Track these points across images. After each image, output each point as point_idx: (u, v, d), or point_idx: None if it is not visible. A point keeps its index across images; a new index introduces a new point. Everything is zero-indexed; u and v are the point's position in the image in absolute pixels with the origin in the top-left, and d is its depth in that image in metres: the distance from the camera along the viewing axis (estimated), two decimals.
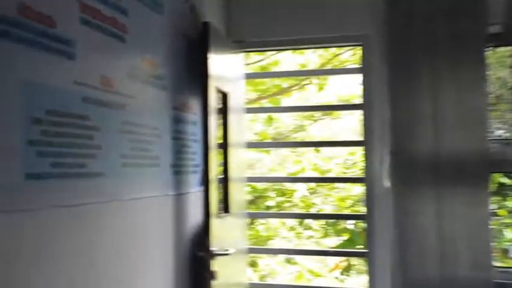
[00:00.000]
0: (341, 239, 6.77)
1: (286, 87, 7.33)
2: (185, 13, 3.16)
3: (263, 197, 7.06)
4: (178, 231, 2.97)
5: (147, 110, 2.67)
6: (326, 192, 7.22)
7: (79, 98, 2.09)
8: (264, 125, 7.19)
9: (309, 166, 7.09)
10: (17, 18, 1.75)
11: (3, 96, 1.69)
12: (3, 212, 1.67)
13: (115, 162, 2.34)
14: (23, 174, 1.76)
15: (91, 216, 2.16)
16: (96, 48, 2.22)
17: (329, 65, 7.10)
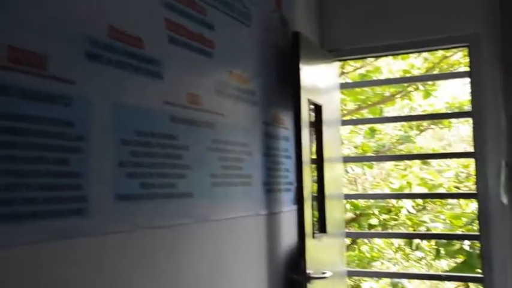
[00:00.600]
0: (456, 261, 6.54)
1: (389, 96, 7.23)
2: (274, 24, 3.23)
3: (365, 214, 6.96)
4: (271, 252, 3.00)
5: (237, 126, 2.74)
6: (436, 209, 7.04)
7: (167, 117, 2.19)
8: (365, 137, 7.13)
9: (415, 181, 6.93)
10: (106, 41, 1.89)
11: (96, 118, 1.82)
12: (97, 235, 1.80)
13: (204, 182, 2.42)
14: (114, 195, 1.88)
15: (180, 238, 2.24)
16: (183, 66, 2.33)
17: (436, 69, 6.95)
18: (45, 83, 1.64)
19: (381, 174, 7.48)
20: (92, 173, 1.79)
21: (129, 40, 2.01)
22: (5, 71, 1.52)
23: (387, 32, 3.84)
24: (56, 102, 1.68)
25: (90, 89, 1.81)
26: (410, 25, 3.79)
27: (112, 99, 1.90)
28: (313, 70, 3.35)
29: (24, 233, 1.55)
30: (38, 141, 1.61)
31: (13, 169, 1.53)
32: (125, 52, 1.98)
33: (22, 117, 1.56)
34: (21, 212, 1.54)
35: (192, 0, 2.42)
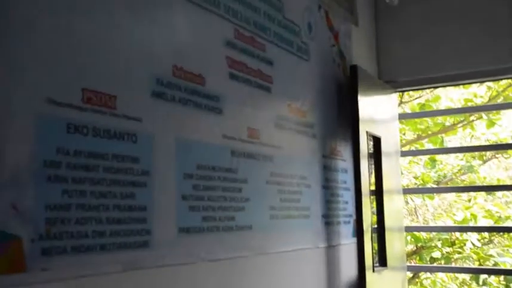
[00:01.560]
0: None
1: (450, 125, 7.13)
2: (332, 57, 3.27)
3: (427, 247, 6.84)
4: (330, 286, 2.99)
5: (296, 159, 2.77)
6: (504, 243, 6.87)
7: (227, 151, 2.26)
8: (425, 167, 7.04)
9: (480, 212, 6.78)
10: (171, 79, 1.98)
11: (159, 154, 1.90)
12: (159, 267, 1.86)
13: (263, 214, 2.45)
14: (177, 228, 1.95)
15: (239, 270, 2.28)
16: (243, 101, 2.39)
17: (500, 98, 6.84)
18: (114, 121, 1.73)
19: (442, 204, 7.35)
20: (155, 207, 1.86)
21: (192, 78, 2.08)
22: (79, 111, 1.61)
23: (447, 61, 3.82)
24: (124, 139, 1.76)
25: (155, 125, 1.89)
26: (472, 54, 3.76)
27: (175, 135, 1.98)
28: (371, 102, 3.37)
29: (94, 265, 1.62)
30: (107, 176, 1.69)
31: (84, 203, 1.60)
32: (187, 89, 2.05)
33: (93, 154, 1.65)
34: (91, 245, 1.61)
35: (252, 38, 2.49)
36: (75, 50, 1.62)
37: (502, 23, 3.69)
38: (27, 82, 1.48)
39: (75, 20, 1.64)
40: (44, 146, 1.51)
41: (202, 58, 2.17)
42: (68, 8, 1.62)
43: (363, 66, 3.38)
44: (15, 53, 1.45)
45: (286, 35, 2.78)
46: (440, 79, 3.98)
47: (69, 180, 1.57)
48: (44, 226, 1.49)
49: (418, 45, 3.90)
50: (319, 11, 3.15)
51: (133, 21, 1.85)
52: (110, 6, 1.76)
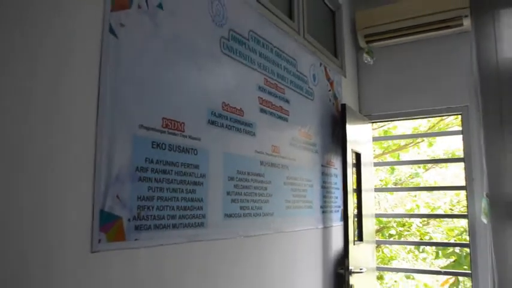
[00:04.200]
0: (449, 260, 6.29)
1: (404, 145, 7.08)
2: (329, 98, 3.22)
3: (387, 227, 6.78)
4: (325, 254, 2.95)
5: (304, 167, 2.72)
6: (436, 224, 6.78)
7: (258, 162, 2.22)
8: (387, 173, 6.97)
9: (422, 204, 6.72)
10: (221, 112, 1.95)
11: (212, 163, 1.87)
12: (211, 240, 1.83)
13: (281, 205, 2.41)
14: (223, 214, 1.92)
15: (265, 243, 2.25)
16: (269, 127, 2.35)
17: (436, 127, 6.77)
18: (183, 140, 1.71)
19: (398, 199, 7.24)
20: (209, 199, 1.83)
21: (235, 111, 2.06)
22: (160, 133, 1.59)
23: (404, 103, 3.77)
24: (189, 152, 1.73)
25: (209, 143, 1.86)
26: (420, 99, 3.70)
27: (223, 150, 1.95)
28: (355, 129, 3.32)
29: (168, 238, 1.60)
30: (177, 178, 1.66)
31: (162, 196, 1.58)
32: (231, 119, 2.02)
33: (168, 162, 1.63)
34: (166, 224, 1.59)
35: (276, 84, 2.46)
36: (158, 91, 1.61)
37: (439, 80, 3.63)
38: (127, 114, 1.47)
39: (158, 70, 1.62)
40: (137, 156, 1.49)
41: (242, 97, 2.14)
42: (154, 63, 1.60)
43: (350, 104, 3.33)
44: (120, 94, 1.45)
45: (299, 83, 2.74)
46: (399, 115, 3.91)
47: (153, 180, 1.55)
48: (136, 211, 1.48)
49: (386, 91, 3.84)
50: (320, 66, 3.11)
51: (196, 71, 1.83)
52: (180, 62, 1.75)
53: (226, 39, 2.04)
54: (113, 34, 1.44)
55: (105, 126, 1.38)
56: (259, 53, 2.31)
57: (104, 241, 1.35)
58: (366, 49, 3.76)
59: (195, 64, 1.82)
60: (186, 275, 1.69)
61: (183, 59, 1.75)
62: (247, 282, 2.08)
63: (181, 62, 1.74)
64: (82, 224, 1.30)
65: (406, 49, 3.76)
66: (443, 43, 3.62)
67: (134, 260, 1.46)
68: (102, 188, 1.36)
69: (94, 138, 1.35)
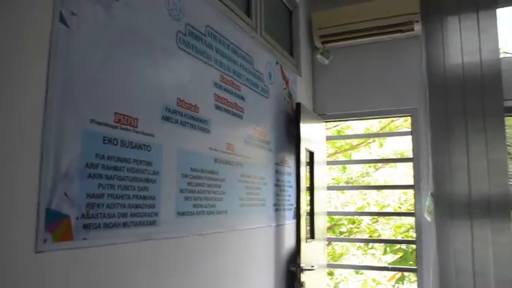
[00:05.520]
0: (396, 256, 6.51)
1: (356, 145, 7.25)
2: (284, 97, 3.24)
3: (338, 225, 6.92)
4: (277, 252, 2.97)
5: (258, 165, 2.73)
6: (385, 221, 6.99)
7: (212, 159, 2.20)
8: (339, 171, 7.12)
9: (372, 202, 6.91)
10: (175, 108, 1.92)
11: (166, 159, 1.83)
12: (163, 239, 1.80)
13: (235, 203, 2.41)
14: (176, 212, 1.89)
15: (218, 241, 2.24)
16: (224, 124, 2.34)
17: (387, 128, 6.98)
18: (136, 136, 1.67)
19: (348, 197, 7.41)
20: (162, 197, 1.80)
21: (190, 107, 2.03)
22: (112, 128, 1.55)
23: (357, 103, 3.85)
24: (142, 148, 1.69)
25: (163, 140, 1.83)
26: (373, 100, 3.80)
27: (177, 147, 1.92)
28: (308, 128, 3.36)
29: (119, 237, 1.56)
30: (129, 175, 1.62)
31: (113, 193, 1.54)
32: (186, 115, 2.00)
33: (120, 159, 1.58)
34: (117, 223, 1.55)
35: (232, 81, 2.45)
36: (111, 85, 1.56)
37: (391, 82, 3.74)
38: (78, 107, 1.42)
39: (111, 63, 1.57)
40: (87, 152, 1.45)
41: (198, 94, 2.11)
42: (108, 55, 1.56)
43: (304, 103, 3.37)
44: (71, 87, 1.39)
45: (254, 80, 2.74)
46: (352, 115, 4.00)
47: (103, 177, 1.50)
48: (85, 208, 1.43)
49: (339, 91, 3.91)
50: (276, 65, 3.13)
51: (151, 66, 1.79)
52: (135, 55, 1.71)
53: (182, 33, 2.01)
54: (64, 23, 1.38)
55: (54, 120, 1.33)
56: (215, 49, 2.29)
57: (50, 241, 1.29)
58: (321, 49, 3.81)
59: (150, 58, 1.78)
60: (138, 275, 1.65)
61: (137, 53, 1.71)
62: (200, 281, 2.06)
63: (136, 55, 1.70)
64: (26, 223, 1.24)
65: (360, 51, 3.85)
66: (395, 46, 3.73)
67: (82, 260, 1.41)
68: (49, 185, 1.30)
69: (41, 132, 1.29)
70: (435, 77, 3.43)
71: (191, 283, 1.99)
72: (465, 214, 3.25)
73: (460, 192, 3.28)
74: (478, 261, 3.19)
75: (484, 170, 3.23)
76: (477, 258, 3.20)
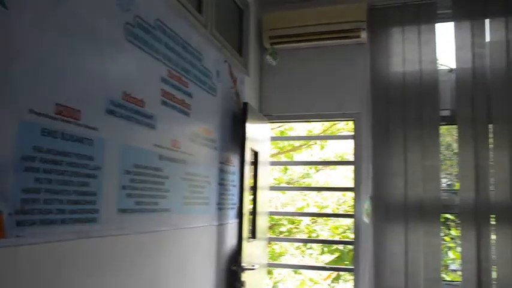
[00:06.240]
0: (333, 256, 6.69)
1: (298, 146, 7.37)
2: (231, 96, 3.23)
3: (278, 224, 7.01)
4: (219, 251, 2.95)
5: (202, 164, 2.70)
6: (324, 222, 7.16)
7: (156, 156, 2.15)
8: (280, 172, 7.20)
9: (312, 203, 7.05)
10: (120, 102, 1.85)
11: (108, 155, 1.77)
12: (104, 237, 1.74)
13: (178, 201, 2.37)
14: (117, 209, 1.83)
15: (161, 240, 2.19)
16: (170, 121, 2.29)
17: (329, 131, 7.15)
18: (78, 129, 1.59)
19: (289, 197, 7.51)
20: (103, 193, 1.74)
21: (135, 101, 1.97)
22: (52, 120, 1.47)
23: (303, 105, 3.91)
24: (83, 142, 1.62)
25: (107, 134, 1.76)
26: (318, 103, 3.87)
27: (120, 142, 1.86)
28: (254, 128, 3.37)
29: (56, 234, 1.48)
30: (69, 169, 1.55)
31: (51, 188, 1.46)
32: (132, 109, 1.94)
33: (60, 152, 1.51)
34: (54, 219, 1.47)
35: (179, 77, 2.40)
36: (53, 74, 1.48)
37: (336, 87, 3.83)
38: (15, 96, 1.33)
39: (54, 51, 1.49)
40: (24, 144, 1.36)
41: (144, 88, 2.06)
42: (51, 42, 1.48)
43: (251, 103, 3.37)
44: (7, 73, 1.31)
45: (203, 78, 2.71)
46: (297, 116, 4.06)
47: (41, 170, 1.42)
48: (20, 204, 1.34)
49: (286, 92, 3.95)
50: (225, 64, 3.11)
51: (96, 56, 1.72)
52: (80, 44, 1.63)
53: (131, 25, 1.95)
54: (2, 4, 1.29)
55: None
56: (164, 43, 2.24)
57: None
58: (270, 50, 3.84)
59: (96, 49, 1.71)
60: (76, 273, 1.58)
61: (83, 42, 1.63)
62: (141, 280, 2.00)
63: (81, 44, 1.62)
64: None
65: (307, 54, 3.91)
66: (342, 52, 3.82)
67: (15, 259, 1.32)
68: None
69: None
70: (378, 84, 3.56)
71: (132, 282, 1.93)
72: (401, 217, 3.40)
73: (397, 196, 3.43)
74: (411, 262, 3.35)
75: (419, 176, 3.40)
76: (410, 260, 3.36)
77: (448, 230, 6.05)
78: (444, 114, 3.48)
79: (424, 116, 3.43)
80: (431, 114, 3.42)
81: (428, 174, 3.39)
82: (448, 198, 3.66)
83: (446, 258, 5.78)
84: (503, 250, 3.20)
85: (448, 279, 5.34)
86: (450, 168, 5.84)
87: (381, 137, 3.53)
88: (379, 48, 3.59)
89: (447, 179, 6.13)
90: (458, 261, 5.22)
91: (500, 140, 3.29)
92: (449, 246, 5.89)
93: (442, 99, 3.43)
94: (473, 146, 3.33)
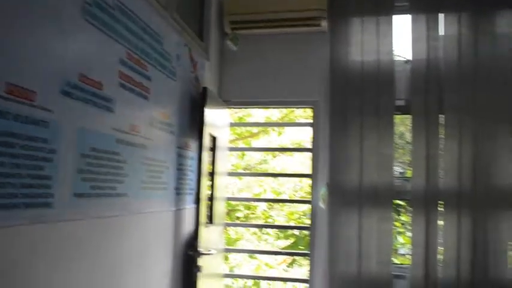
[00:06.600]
0: (289, 241, 6.80)
1: (256, 132, 7.40)
2: (191, 80, 3.20)
3: (234, 210, 7.04)
4: (176, 236, 2.95)
5: (161, 148, 2.68)
6: (280, 208, 7.26)
7: (114, 140, 2.11)
8: (238, 158, 7.22)
9: (269, 189, 7.12)
10: (77, 83, 1.80)
11: (64, 138, 1.72)
12: (59, 222, 1.69)
13: (136, 186, 2.34)
14: (72, 193, 1.78)
15: (119, 225, 2.17)
16: (128, 104, 2.25)
17: (286, 118, 7.21)
18: (32, 110, 1.54)
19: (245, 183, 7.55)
20: (58, 177, 1.69)
21: (93, 83, 1.92)
22: (4, 100, 1.41)
23: (262, 92, 3.91)
24: (39, 124, 1.57)
25: (63, 116, 1.71)
26: (277, 89, 3.88)
27: (77, 124, 1.81)
28: (213, 113, 3.35)
29: (7, 219, 1.43)
30: (23, 152, 1.50)
31: (2, 172, 1.41)
32: (89, 92, 1.89)
33: (13, 134, 1.45)
34: (5, 204, 1.42)
35: (139, 60, 2.35)
36: (4, 52, 1.42)
37: (296, 74, 3.84)
38: None
39: (6, 26, 1.43)
40: None
41: (102, 70, 2.00)
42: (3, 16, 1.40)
43: (210, 88, 3.34)
44: None
45: (162, 61, 2.67)
46: (257, 102, 4.09)
47: None
48: None
49: (246, 78, 3.94)
50: (185, 48, 3.07)
51: (52, 35, 1.66)
52: (35, 22, 1.57)
53: (88, 4, 1.88)
54: None
55: None
56: (123, 24, 2.18)
57: None
58: (231, 35, 3.81)
59: (52, 27, 1.65)
60: (28, 260, 1.53)
61: (38, 20, 1.56)
62: (97, 266, 1.98)
63: (36, 22, 1.56)
64: None
65: (269, 40, 3.91)
66: (303, 40, 3.84)
67: None
68: None
69: None
70: (337, 73, 3.62)
71: (88, 268, 1.90)
72: (355, 203, 3.50)
73: (352, 183, 3.52)
74: (364, 246, 3.47)
75: (374, 163, 3.50)
76: (363, 244, 3.47)
77: (398, 215, 6.28)
78: (399, 103, 3.59)
79: (381, 105, 3.52)
80: (387, 104, 3.53)
81: (383, 161, 3.50)
82: (400, 185, 3.80)
83: (396, 243, 6.00)
84: (449, 234, 3.37)
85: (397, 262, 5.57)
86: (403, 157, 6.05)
87: (339, 125, 3.60)
88: (339, 37, 3.64)
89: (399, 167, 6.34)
90: (407, 245, 5.44)
91: (450, 130, 3.43)
92: (399, 231, 6.11)
93: (397, 89, 3.54)
94: (425, 135, 3.46)
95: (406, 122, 4.14)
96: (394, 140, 3.55)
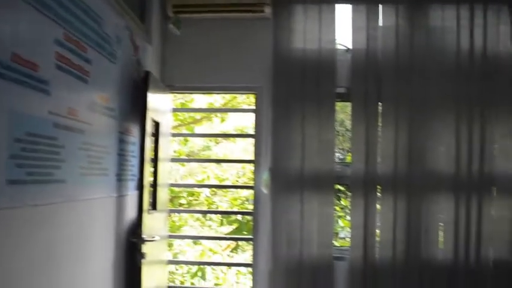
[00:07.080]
0: (232, 227, 6.86)
1: (199, 119, 7.35)
2: (133, 64, 3.12)
3: (178, 197, 6.99)
4: (118, 223, 2.89)
5: (101, 133, 2.60)
6: (223, 194, 7.29)
7: (51, 124, 2.02)
8: (180, 144, 7.15)
9: (212, 175, 7.12)
10: (9, 63, 1.69)
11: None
12: None
13: (75, 172, 2.26)
14: (5, 180, 1.69)
15: (56, 212, 2.09)
16: (66, 87, 2.16)
17: (229, 104, 7.20)
18: None
19: (189, 170, 7.50)
20: None
21: (28, 64, 1.82)
22: None
23: (206, 77, 3.88)
24: None
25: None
26: (221, 75, 3.87)
27: (10, 107, 1.71)
28: (156, 98, 3.28)
29: None
30: None
31: None
32: (23, 73, 1.79)
33: None
34: None
35: (77, 41, 2.25)
36: None
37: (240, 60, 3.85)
38: None
39: None
40: None
41: (37, 50, 1.90)
42: None
43: (153, 72, 3.28)
44: None
45: (102, 43, 2.57)
46: (200, 88, 4.07)
47: None
48: None
49: (189, 63, 3.89)
50: (126, 30, 2.98)
51: None
52: None
53: None
54: None
55: None
56: (60, 3, 2.07)
57: None
58: (173, 19, 3.73)
59: None
60: None
61: None
62: (34, 256, 1.90)
63: None
64: None
65: (212, 25, 3.87)
66: (246, 26, 3.84)
67: None
68: None
69: None
70: (280, 59, 3.65)
71: (24, 259, 1.82)
72: (297, 188, 3.58)
73: (295, 168, 3.60)
74: (306, 230, 3.57)
75: (316, 149, 3.59)
76: (305, 228, 3.57)
77: (338, 200, 6.50)
78: (340, 91, 3.69)
79: (322, 92, 3.61)
80: (329, 91, 3.62)
81: (324, 147, 3.60)
82: (340, 170, 3.92)
83: (336, 226, 6.22)
84: (386, 217, 3.54)
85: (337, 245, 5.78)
86: (343, 144, 6.26)
87: (281, 111, 3.65)
88: (282, 24, 3.67)
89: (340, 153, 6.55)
90: (346, 229, 5.65)
91: (388, 118, 3.58)
92: (339, 215, 6.33)
93: (338, 77, 3.63)
94: (364, 122, 3.59)
95: (346, 110, 4.27)
96: (335, 126, 3.66)
